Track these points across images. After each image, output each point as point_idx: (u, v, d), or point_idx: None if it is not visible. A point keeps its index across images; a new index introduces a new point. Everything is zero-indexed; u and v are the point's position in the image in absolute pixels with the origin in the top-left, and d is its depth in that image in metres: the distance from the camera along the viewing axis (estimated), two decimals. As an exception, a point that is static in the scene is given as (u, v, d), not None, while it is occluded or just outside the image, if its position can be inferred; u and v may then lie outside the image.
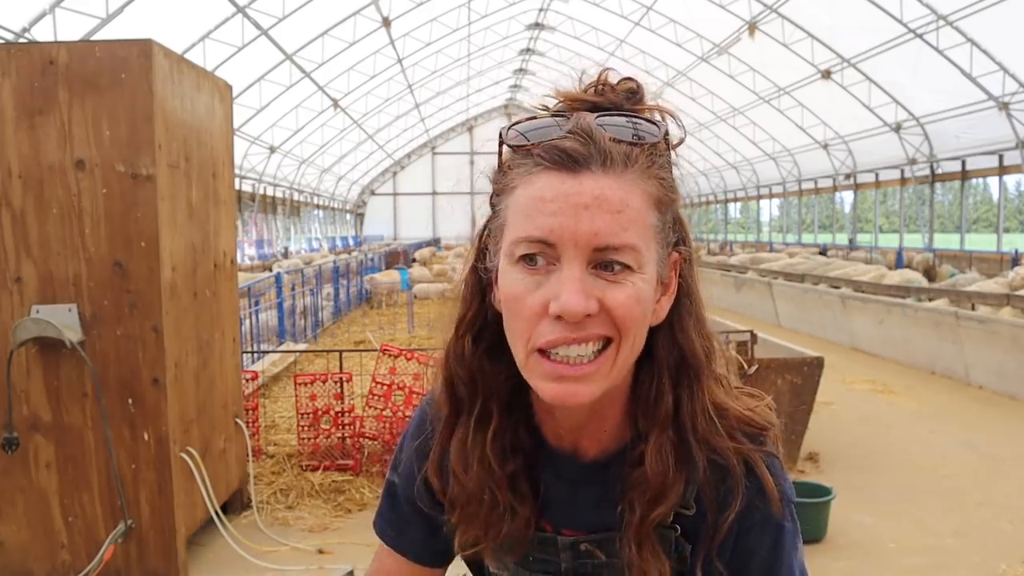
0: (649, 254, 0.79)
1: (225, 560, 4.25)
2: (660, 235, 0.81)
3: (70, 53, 3.63)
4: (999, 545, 4.41)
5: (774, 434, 0.89)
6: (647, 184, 0.79)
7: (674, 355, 0.85)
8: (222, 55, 16.61)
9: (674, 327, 0.86)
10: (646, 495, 0.82)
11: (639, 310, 0.78)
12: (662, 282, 0.83)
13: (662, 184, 0.81)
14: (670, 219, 0.83)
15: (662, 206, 0.81)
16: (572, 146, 0.76)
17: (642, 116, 0.82)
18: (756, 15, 19.80)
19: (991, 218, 32.91)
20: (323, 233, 39.13)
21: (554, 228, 0.74)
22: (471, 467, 0.89)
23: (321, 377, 5.61)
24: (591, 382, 0.78)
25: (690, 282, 0.88)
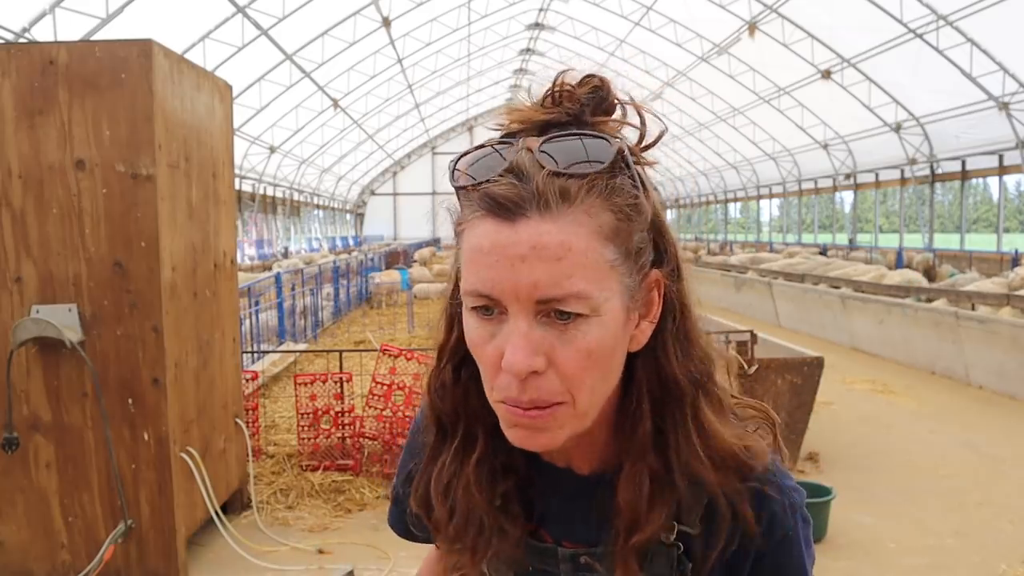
0: (606, 293, 0.71)
1: (225, 560, 4.25)
2: (624, 265, 0.73)
3: (70, 53, 3.63)
4: (999, 545, 4.41)
5: (772, 453, 0.84)
6: (598, 217, 0.71)
7: (654, 382, 0.79)
8: (222, 55, 16.61)
9: (656, 352, 0.79)
10: (623, 522, 0.80)
11: (592, 363, 0.72)
12: (639, 310, 0.77)
13: (619, 209, 0.72)
14: (641, 239, 0.75)
15: (621, 235, 0.72)
16: (504, 192, 0.70)
17: (592, 133, 0.73)
18: (756, 15, 19.80)
19: (991, 218, 32.91)
20: (323, 233, 39.14)
21: (495, 282, 0.70)
22: (454, 494, 0.86)
23: (321, 377, 5.61)
24: (550, 431, 0.74)
25: (677, 300, 0.80)
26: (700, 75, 24.95)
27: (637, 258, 0.75)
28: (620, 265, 0.73)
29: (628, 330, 0.76)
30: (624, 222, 0.73)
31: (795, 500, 0.83)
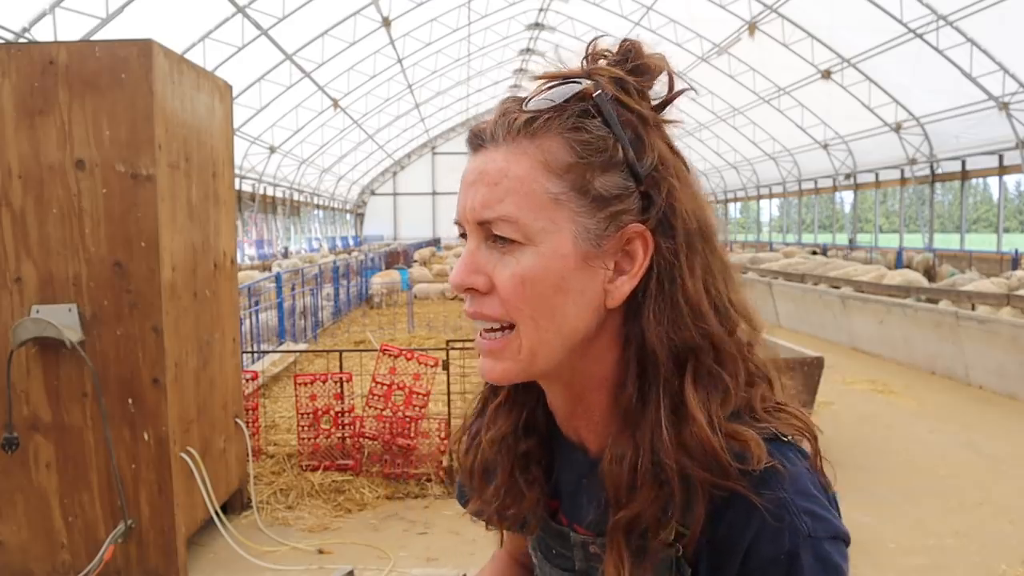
0: (543, 223, 0.72)
1: (225, 560, 4.25)
2: (578, 204, 0.73)
3: (70, 53, 3.63)
4: (999, 545, 4.41)
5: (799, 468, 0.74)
6: (549, 151, 0.73)
7: (634, 348, 0.76)
8: (222, 55, 16.61)
9: (638, 314, 0.75)
10: (611, 501, 0.76)
11: (528, 291, 0.73)
12: (609, 259, 0.74)
13: (578, 148, 0.73)
14: (613, 184, 0.73)
15: (575, 172, 0.73)
16: (480, 127, 0.78)
17: (574, 80, 0.76)
18: (756, 15, 19.80)
19: (991, 218, 32.91)
20: (323, 233, 39.14)
21: (458, 207, 0.78)
22: (489, 438, 0.90)
23: (321, 377, 5.61)
24: (503, 359, 0.76)
25: (670, 266, 0.74)
26: (700, 75, 24.95)
27: (604, 203, 0.73)
28: (571, 202, 0.73)
29: (591, 277, 0.74)
30: (583, 161, 0.73)
31: (805, 525, 0.70)
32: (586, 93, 0.75)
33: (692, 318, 0.75)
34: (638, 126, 0.75)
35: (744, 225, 38.97)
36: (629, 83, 0.76)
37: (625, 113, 0.75)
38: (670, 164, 0.76)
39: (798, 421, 0.79)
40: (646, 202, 0.75)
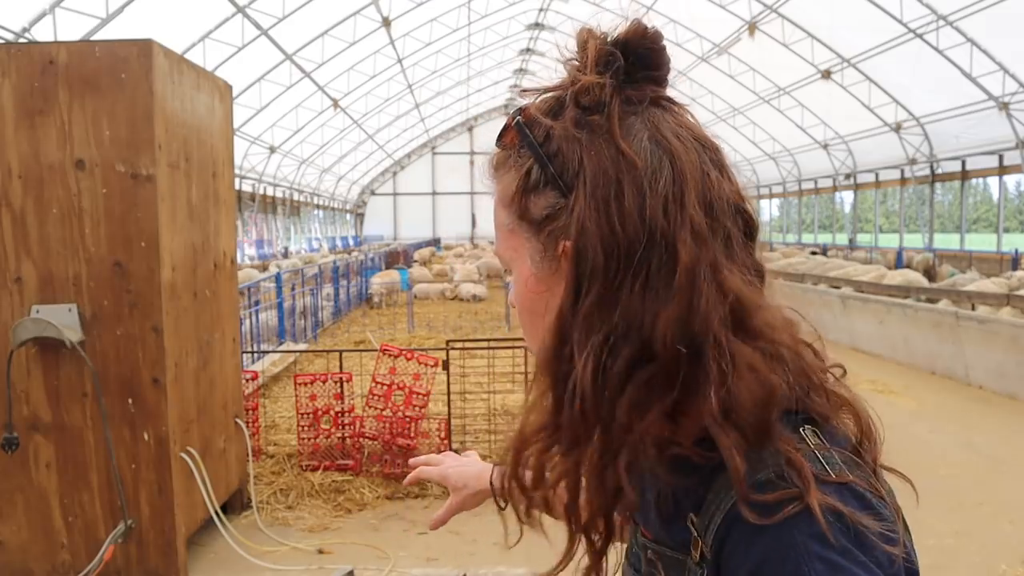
0: (511, 254, 0.78)
1: (225, 560, 4.25)
2: (525, 230, 0.75)
3: (70, 53, 3.63)
4: (999, 545, 4.41)
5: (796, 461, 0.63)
6: (503, 183, 0.77)
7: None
8: (222, 55, 16.62)
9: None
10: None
11: (519, 311, 0.80)
12: (557, 280, 0.73)
13: (520, 176, 0.74)
14: (551, 205, 0.72)
15: (516, 200, 0.74)
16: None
17: (547, 90, 0.76)
18: (756, 15, 19.80)
19: (991, 218, 32.91)
20: (323, 233, 39.14)
21: None
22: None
23: (321, 377, 5.61)
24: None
25: (565, 281, 0.70)
26: (700, 75, 24.95)
27: (540, 224, 0.73)
28: (520, 229, 0.76)
29: (551, 295, 0.73)
30: (521, 188, 0.74)
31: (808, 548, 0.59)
32: (508, 125, 0.77)
33: (555, 340, 0.71)
34: (560, 139, 0.71)
35: (744, 225, 38.90)
36: (564, 93, 0.73)
37: (550, 128, 0.72)
38: (590, 169, 0.69)
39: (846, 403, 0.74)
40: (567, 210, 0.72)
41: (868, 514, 0.62)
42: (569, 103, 0.72)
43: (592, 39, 0.75)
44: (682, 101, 0.78)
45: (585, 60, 0.73)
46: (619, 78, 0.72)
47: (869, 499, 0.64)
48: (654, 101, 0.74)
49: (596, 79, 0.71)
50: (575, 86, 0.72)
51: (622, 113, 0.71)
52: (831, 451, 0.66)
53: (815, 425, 0.69)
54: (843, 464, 0.66)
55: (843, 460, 0.66)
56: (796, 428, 0.67)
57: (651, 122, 0.71)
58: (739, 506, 0.62)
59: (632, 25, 0.75)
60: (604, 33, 0.75)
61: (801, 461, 0.63)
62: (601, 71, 0.72)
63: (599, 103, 0.71)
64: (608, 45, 0.74)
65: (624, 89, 0.72)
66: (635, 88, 0.73)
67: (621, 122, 0.70)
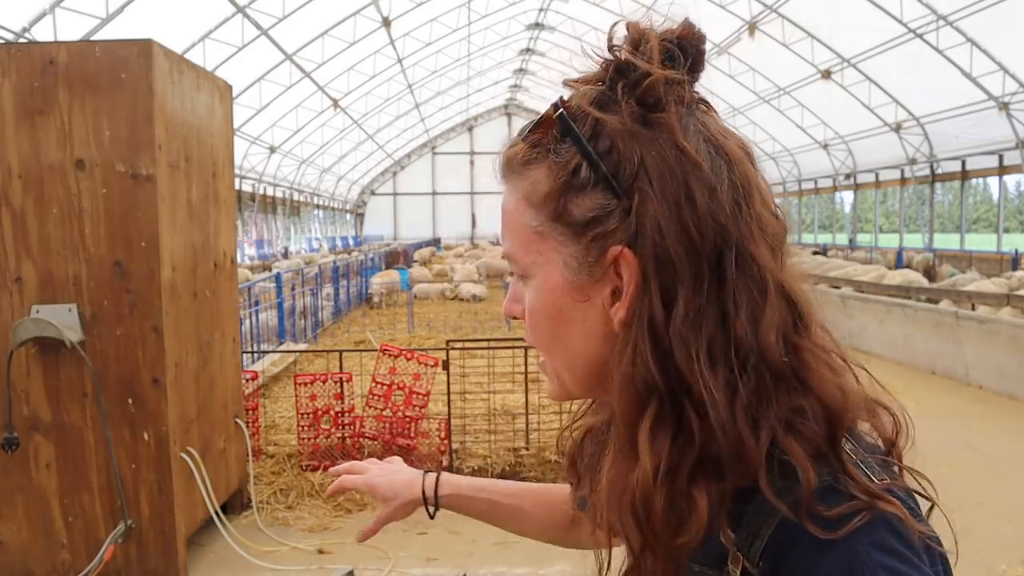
0: (533, 257, 0.72)
1: (225, 560, 4.25)
2: (559, 233, 0.69)
3: (70, 53, 3.63)
4: (999, 545, 4.41)
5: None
6: (531, 182, 0.71)
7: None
8: (222, 55, 16.62)
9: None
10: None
11: (536, 323, 0.73)
12: (602, 286, 0.69)
13: (556, 175, 0.69)
14: (595, 207, 0.67)
15: (552, 201, 0.69)
16: (500, 159, 0.78)
17: (558, 100, 0.71)
18: (756, 15, 19.80)
19: (991, 218, 32.92)
20: (323, 233, 39.15)
21: None
22: (583, 426, 0.91)
23: (321, 377, 5.61)
24: (548, 381, 0.78)
25: (652, 285, 0.65)
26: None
27: (584, 228, 0.68)
28: (552, 232, 0.70)
29: (590, 305, 0.70)
30: (558, 187, 0.69)
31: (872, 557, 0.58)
32: (547, 116, 0.70)
33: (654, 355, 0.65)
34: (615, 135, 0.67)
35: (744, 225, 38.93)
36: (615, 86, 0.69)
37: (601, 123, 0.67)
38: (655, 169, 0.65)
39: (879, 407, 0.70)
40: (627, 218, 0.67)
41: (913, 516, 0.63)
42: (625, 98, 0.67)
43: (652, 34, 0.71)
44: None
45: (648, 51, 0.69)
46: (679, 77, 0.70)
47: (910, 503, 0.65)
48: (697, 103, 0.72)
49: (668, 73, 0.68)
50: (641, 84, 0.67)
51: (680, 112, 0.68)
52: (868, 456, 0.65)
53: (854, 430, 0.68)
54: (881, 469, 0.65)
55: (879, 464, 0.66)
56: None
57: (703, 124, 0.69)
58: (803, 519, 0.60)
59: (685, 24, 0.73)
60: (655, 28, 0.73)
61: (855, 471, 0.62)
62: (670, 67, 0.69)
63: (660, 101, 0.67)
64: (667, 41, 0.71)
65: (679, 89, 0.70)
66: (685, 90, 0.70)
67: (680, 121, 0.67)
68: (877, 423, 0.69)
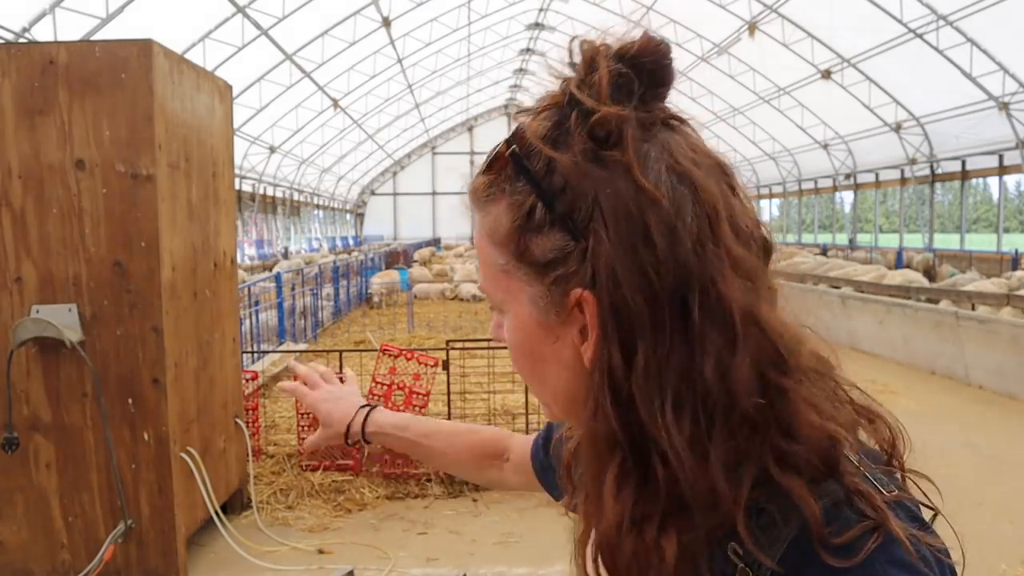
0: (502, 295, 0.70)
1: (225, 560, 4.25)
2: (524, 273, 0.67)
3: (70, 53, 3.63)
4: (999, 545, 4.41)
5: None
6: (489, 216, 0.68)
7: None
8: (222, 55, 16.62)
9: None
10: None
11: (515, 356, 0.72)
12: (569, 326, 0.66)
13: (515, 213, 0.66)
14: (555, 247, 0.64)
15: (513, 240, 0.66)
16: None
17: (511, 134, 0.68)
18: (756, 15, 19.81)
19: (991, 218, 32.93)
20: (323, 233, 39.15)
21: None
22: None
23: (321, 377, 5.60)
24: (545, 405, 0.76)
25: (609, 332, 0.62)
26: (700, 75, 24.95)
27: (545, 268, 0.65)
28: (517, 272, 0.67)
29: (563, 343, 0.67)
30: (517, 226, 0.66)
31: None
32: (501, 154, 0.67)
33: (614, 409, 0.62)
34: (568, 173, 0.63)
35: (744, 225, 38.94)
36: (567, 117, 0.64)
37: (554, 160, 0.63)
38: (610, 210, 0.61)
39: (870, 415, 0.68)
40: (585, 258, 0.64)
41: (922, 528, 0.61)
42: (577, 132, 0.63)
43: (602, 58, 0.65)
44: (682, 101, 0.69)
45: (596, 83, 0.64)
46: (634, 103, 0.64)
47: (918, 513, 0.63)
48: (663, 122, 0.66)
49: (616, 111, 0.62)
50: (591, 118, 0.63)
51: (635, 142, 0.62)
52: (876, 468, 0.63)
53: (855, 441, 0.66)
54: (888, 479, 0.63)
55: (885, 473, 0.64)
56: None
57: (666, 149, 0.63)
58: (817, 550, 0.57)
59: (643, 39, 0.67)
60: (609, 47, 0.67)
61: (865, 488, 0.60)
62: (617, 97, 0.63)
63: (613, 134, 0.62)
64: (619, 64, 0.65)
65: (638, 112, 0.64)
66: (646, 111, 0.65)
67: (637, 153, 0.62)
68: (874, 432, 0.68)
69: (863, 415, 0.68)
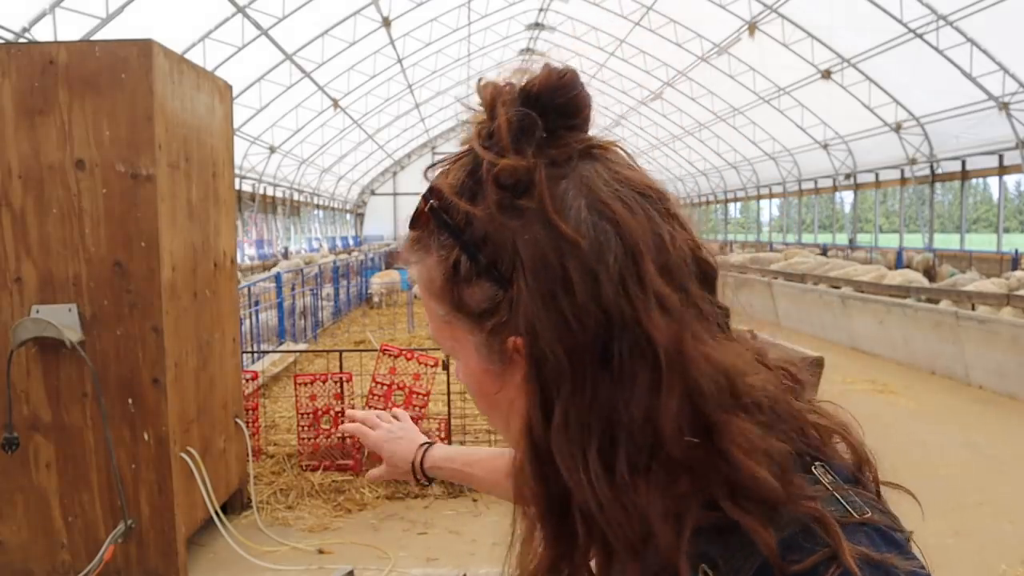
0: (450, 344, 0.69)
1: (225, 560, 4.25)
2: (463, 323, 0.66)
3: (70, 53, 3.63)
4: (999, 545, 4.41)
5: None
6: (424, 268, 0.68)
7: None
8: (222, 55, 16.61)
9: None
10: None
11: (474, 399, 0.72)
12: (512, 374, 0.65)
13: (437, 263, 0.66)
14: (486, 296, 0.63)
15: (447, 292, 0.66)
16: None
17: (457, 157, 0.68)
18: (756, 15, 19.80)
19: (991, 218, 32.94)
20: (323, 233, 39.15)
21: None
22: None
23: (321, 377, 5.61)
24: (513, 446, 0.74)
25: (529, 389, 0.62)
26: (700, 75, 24.95)
27: (481, 318, 0.64)
28: (457, 321, 0.67)
29: (507, 389, 0.67)
30: (450, 280, 0.65)
31: None
32: (421, 210, 0.67)
33: (533, 466, 0.63)
34: (485, 223, 0.62)
35: (744, 225, 38.98)
36: (478, 167, 0.64)
37: (471, 213, 0.63)
38: (528, 259, 0.60)
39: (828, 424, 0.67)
40: (510, 304, 0.63)
41: (895, 552, 0.57)
42: (488, 182, 0.62)
43: (501, 103, 0.65)
44: (682, 101, 0.68)
45: (496, 131, 0.63)
46: (538, 143, 0.62)
47: (893, 535, 0.59)
48: (582, 153, 0.63)
49: (514, 161, 0.61)
50: (494, 168, 0.62)
51: (550, 181, 0.61)
52: (848, 489, 0.61)
53: (825, 460, 0.63)
54: (862, 501, 0.60)
55: (857, 494, 0.61)
56: (808, 468, 0.61)
57: (585, 184, 0.61)
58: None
59: (543, 74, 0.66)
60: (514, 87, 0.66)
61: (825, 515, 0.57)
62: (518, 143, 0.62)
63: (522, 181, 0.61)
64: (520, 108, 0.64)
65: (547, 151, 0.62)
66: (558, 147, 0.63)
67: (552, 194, 0.60)
68: (848, 452, 0.65)
69: (828, 435, 0.65)
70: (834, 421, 0.67)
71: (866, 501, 0.61)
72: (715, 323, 0.64)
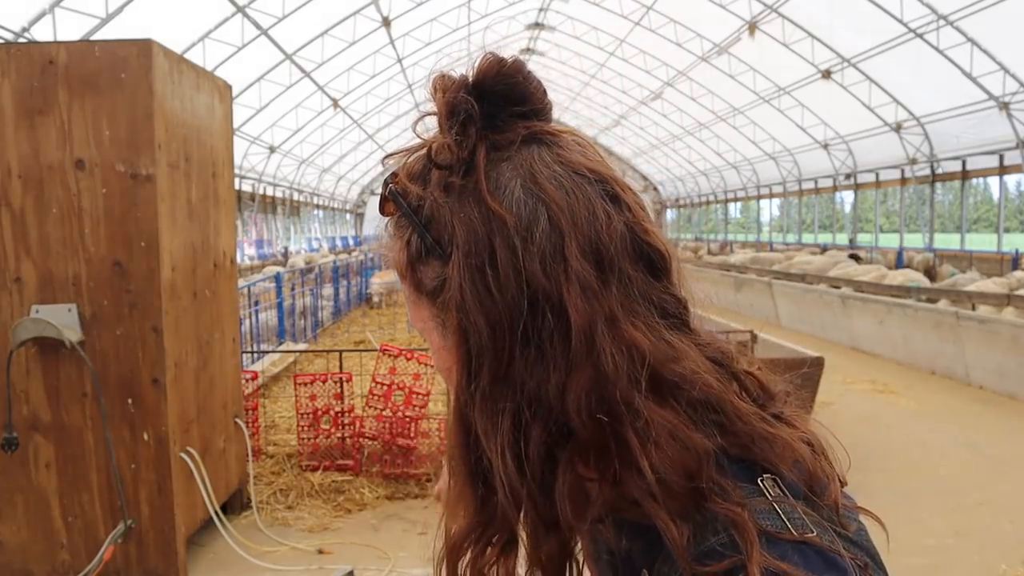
0: (420, 324, 0.72)
1: (225, 560, 4.25)
2: (424, 300, 0.69)
3: (70, 53, 3.63)
4: (999, 545, 4.41)
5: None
6: (392, 252, 0.72)
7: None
8: (222, 55, 16.60)
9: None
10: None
11: (443, 377, 0.74)
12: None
13: (398, 244, 0.70)
14: (439, 275, 0.66)
15: (409, 271, 0.69)
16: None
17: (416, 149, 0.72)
18: (756, 15, 19.79)
19: (991, 218, 32.95)
20: (323, 233, 39.14)
21: None
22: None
23: (321, 377, 5.61)
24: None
25: (458, 360, 0.65)
26: (700, 75, 24.94)
27: (434, 295, 0.67)
28: (420, 299, 0.70)
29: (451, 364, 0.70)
30: (409, 260, 0.69)
31: None
32: (383, 195, 0.72)
33: (458, 434, 0.66)
34: (431, 204, 0.66)
35: (744, 225, 38.96)
36: (428, 153, 0.68)
37: (421, 195, 0.67)
38: (462, 235, 0.63)
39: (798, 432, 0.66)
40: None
41: (831, 574, 0.55)
42: (432, 163, 0.67)
43: (440, 89, 0.69)
44: (682, 101, 0.70)
45: (437, 116, 0.68)
46: (477, 127, 0.66)
47: (835, 559, 0.55)
48: (528, 139, 0.66)
49: (450, 141, 0.66)
50: (432, 147, 0.67)
51: (490, 163, 0.64)
52: (794, 504, 0.58)
53: (775, 473, 0.60)
54: (806, 518, 0.57)
55: (805, 512, 0.58)
56: (754, 479, 0.59)
57: (524, 166, 0.64)
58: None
59: (484, 62, 0.69)
60: (458, 77, 0.70)
61: (746, 522, 0.55)
62: (454, 125, 0.66)
63: (460, 161, 0.65)
64: (460, 93, 0.68)
65: (489, 135, 0.66)
66: (501, 131, 0.66)
67: (489, 174, 0.63)
68: (789, 466, 0.61)
69: (785, 447, 0.62)
70: (798, 435, 0.65)
71: (814, 521, 0.58)
72: (656, 309, 0.63)
